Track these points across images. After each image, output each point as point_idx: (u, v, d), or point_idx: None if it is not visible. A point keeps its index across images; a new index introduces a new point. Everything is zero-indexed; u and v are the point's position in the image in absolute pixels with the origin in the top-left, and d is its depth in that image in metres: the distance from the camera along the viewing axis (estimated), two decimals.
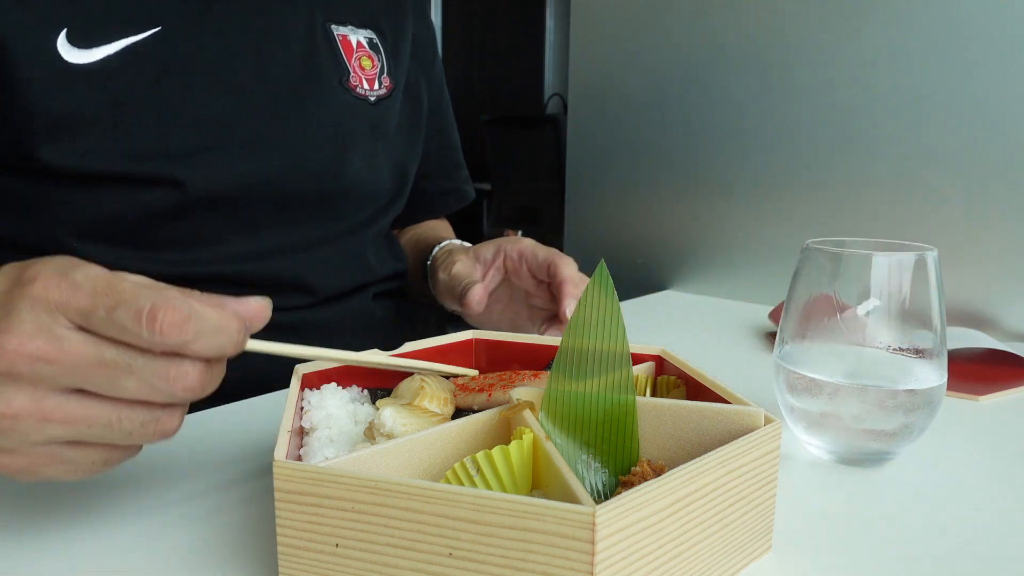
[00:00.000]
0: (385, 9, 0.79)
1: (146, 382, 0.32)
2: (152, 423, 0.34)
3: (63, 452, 0.34)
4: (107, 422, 0.33)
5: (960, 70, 0.84)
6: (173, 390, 0.33)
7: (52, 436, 0.33)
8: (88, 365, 0.32)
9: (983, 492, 0.47)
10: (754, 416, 0.38)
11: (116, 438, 0.34)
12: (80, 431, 0.33)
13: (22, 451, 0.33)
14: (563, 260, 0.62)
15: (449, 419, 0.41)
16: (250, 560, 0.38)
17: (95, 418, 0.33)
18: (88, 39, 0.58)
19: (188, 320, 0.31)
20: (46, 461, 0.34)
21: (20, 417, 0.32)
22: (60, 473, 0.35)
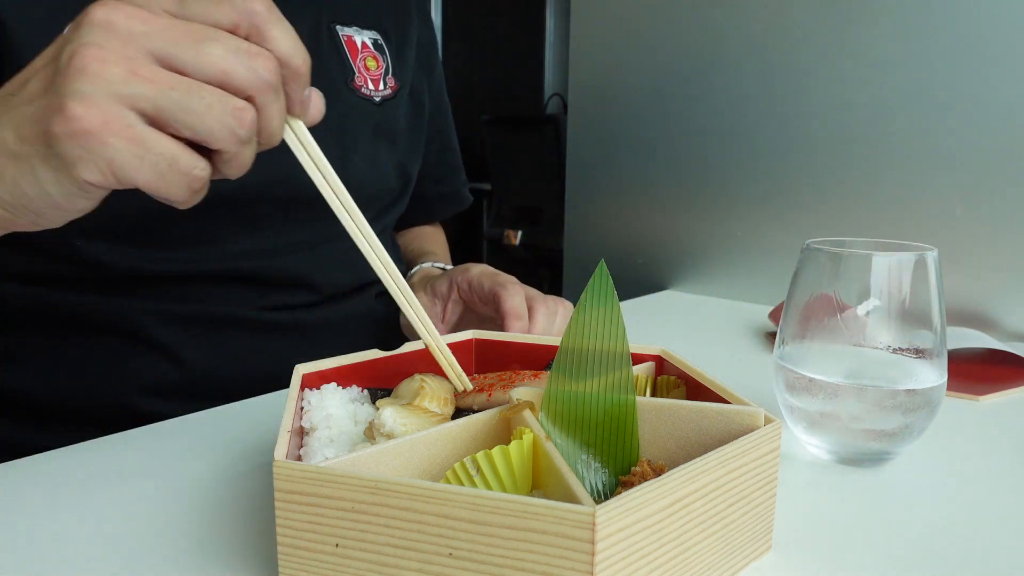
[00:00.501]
0: (389, 11, 0.80)
1: (231, 52, 0.33)
2: (228, 100, 0.34)
3: (137, 126, 0.33)
4: (188, 87, 0.33)
5: (960, 70, 0.84)
6: (253, 63, 0.33)
7: (135, 93, 0.33)
8: (179, 28, 0.33)
9: (983, 492, 0.47)
10: (754, 416, 0.38)
11: (193, 112, 0.33)
12: (163, 94, 0.33)
13: (101, 102, 0.32)
14: (506, 291, 0.60)
15: (449, 419, 0.41)
16: (250, 560, 0.38)
17: (178, 83, 0.33)
18: None
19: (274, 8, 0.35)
20: (119, 127, 0.33)
21: (109, 61, 0.32)
22: (126, 156, 0.33)
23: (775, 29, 0.97)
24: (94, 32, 0.33)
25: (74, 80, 0.32)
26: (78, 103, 0.32)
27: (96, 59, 0.32)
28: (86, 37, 0.33)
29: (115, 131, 0.33)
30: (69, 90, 0.32)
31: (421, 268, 0.83)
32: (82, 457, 0.50)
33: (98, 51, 0.32)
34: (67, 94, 0.32)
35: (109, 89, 0.32)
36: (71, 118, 0.32)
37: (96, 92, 0.32)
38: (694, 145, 1.07)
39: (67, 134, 0.33)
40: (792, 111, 0.97)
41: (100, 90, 0.32)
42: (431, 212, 0.95)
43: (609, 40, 1.14)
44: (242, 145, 0.35)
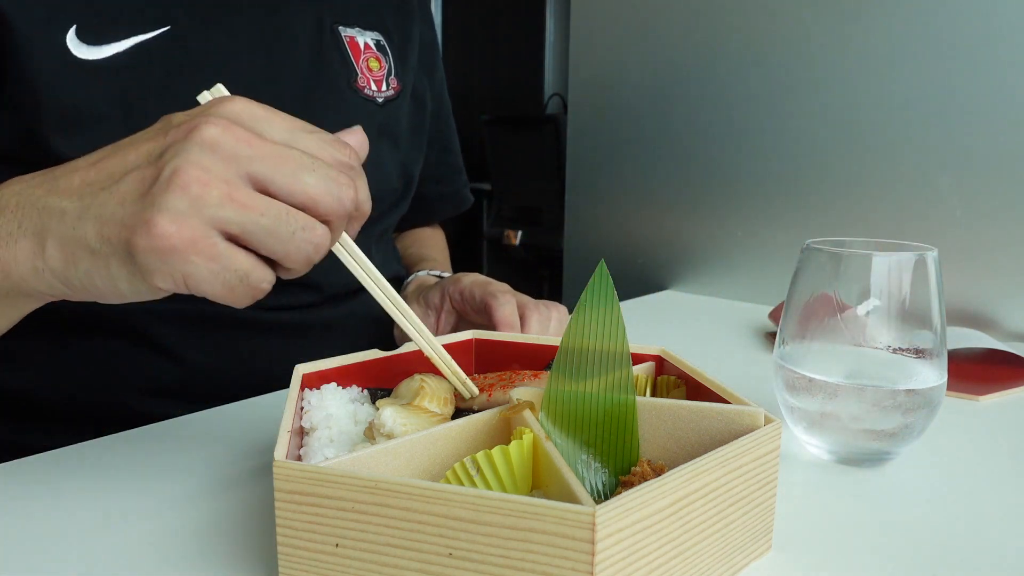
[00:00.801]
0: (392, 11, 0.80)
1: (323, 180, 0.36)
2: (311, 229, 0.36)
3: (219, 244, 0.34)
4: (278, 214, 0.35)
5: (960, 70, 0.84)
6: (341, 194, 0.36)
7: (226, 216, 0.34)
8: (282, 153, 0.35)
9: (983, 492, 0.47)
10: (754, 416, 0.38)
11: (278, 237, 0.35)
12: (252, 220, 0.34)
13: (193, 223, 0.34)
14: (497, 301, 0.60)
15: (449, 419, 0.41)
16: (250, 560, 0.38)
17: (269, 210, 0.35)
18: (98, 36, 0.58)
19: (357, 152, 0.40)
20: (203, 245, 0.34)
21: (211, 184, 0.34)
22: (202, 271, 0.35)
23: (775, 29, 0.97)
24: (203, 153, 0.34)
25: (172, 196, 0.34)
26: (170, 221, 0.34)
27: (198, 181, 0.34)
28: (193, 156, 0.34)
29: (198, 251, 0.34)
30: (164, 205, 0.34)
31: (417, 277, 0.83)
32: (82, 457, 0.50)
33: (202, 174, 0.34)
34: (162, 208, 0.34)
35: (203, 211, 0.34)
36: (158, 235, 0.34)
37: (190, 213, 0.34)
38: (694, 145, 1.07)
39: (151, 249, 0.34)
40: (792, 111, 0.97)
41: (195, 212, 0.34)
42: (431, 213, 0.95)
43: (609, 40, 1.14)
44: (309, 266, 0.38)
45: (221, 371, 0.66)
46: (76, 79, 0.57)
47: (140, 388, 0.64)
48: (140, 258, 0.34)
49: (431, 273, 0.83)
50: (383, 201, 0.78)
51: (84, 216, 0.36)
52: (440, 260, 0.91)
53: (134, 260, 0.35)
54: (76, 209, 0.36)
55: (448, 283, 0.68)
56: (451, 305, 0.67)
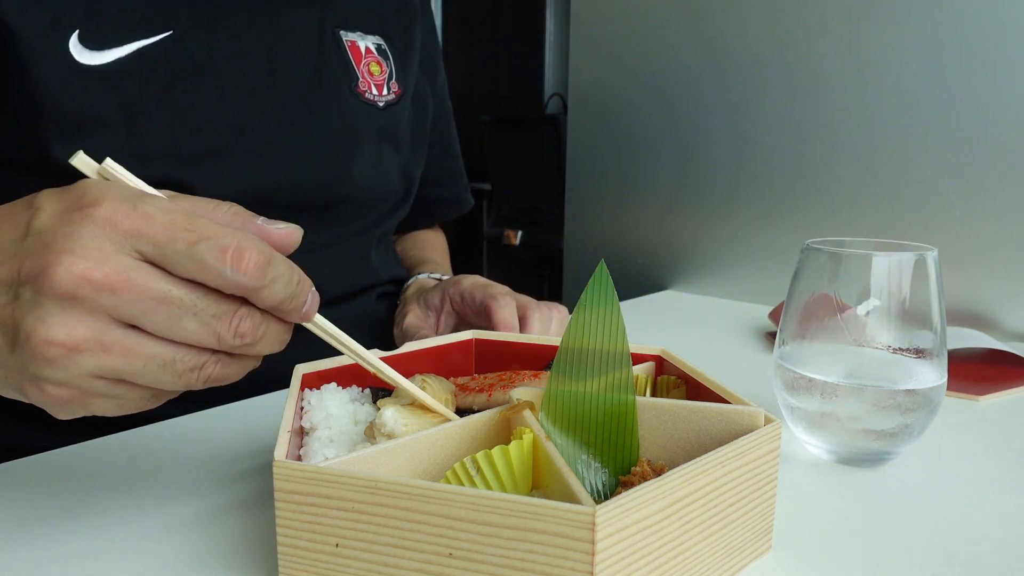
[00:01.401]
0: (394, 15, 0.80)
1: (206, 326, 0.32)
2: (208, 367, 0.33)
3: (113, 388, 0.32)
4: (163, 361, 0.32)
5: (960, 70, 0.84)
6: (230, 336, 0.32)
7: (107, 369, 0.31)
8: (153, 300, 0.31)
9: (983, 492, 0.47)
10: (754, 416, 0.38)
11: (167, 379, 0.32)
12: (136, 368, 0.32)
13: (74, 383, 0.32)
14: (497, 303, 0.60)
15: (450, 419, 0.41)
16: (250, 560, 0.38)
17: (153, 356, 0.32)
18: (100, 41, 0.58)
19: (269, 264, 0.31)
20: (94, 395, 0.32)
21: (80, 349, 0.31)
22: (106, 408, 0.33)
23: (775, 29, 0.97)
24: (61, 309, 0.30)
25: (43, 367, 0.31)
26: (54, 387, 0.32)
27: (63, 347, 0.30)
28: (47, 314, 0.30)
29: (94, 395, 0.32)
30: (43, 375, 0.31)
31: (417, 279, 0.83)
32: (82, 457, 0.50)
33: (65, 335, 0.30)
34: (41, 377, 0.31)
35: (82, 371, 0.31)
36: (50, 396, 0.32)
37: (71, 378, 0.31)
38: (694, 145, 1.07)
39: (48, 403, 0.32)
40: (792, 111, 0.97)
41: (74, 376, 0.31)
42: (432, 215, 0.95)
43: (609, 40, 1.14)
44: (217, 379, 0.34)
45: None
46: (79, 85, 0.57)
47: None
48: (47, 406, 0.33)
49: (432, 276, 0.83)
50: (383, 205, 0.78)
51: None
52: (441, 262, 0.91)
53: (40, 403, 0.33)
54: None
55: (448, 285, 0.68)
56: (451, 307, 0.67)
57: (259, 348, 0.34)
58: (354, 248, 0.75)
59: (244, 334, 0.32)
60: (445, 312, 0.68)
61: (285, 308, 0.33)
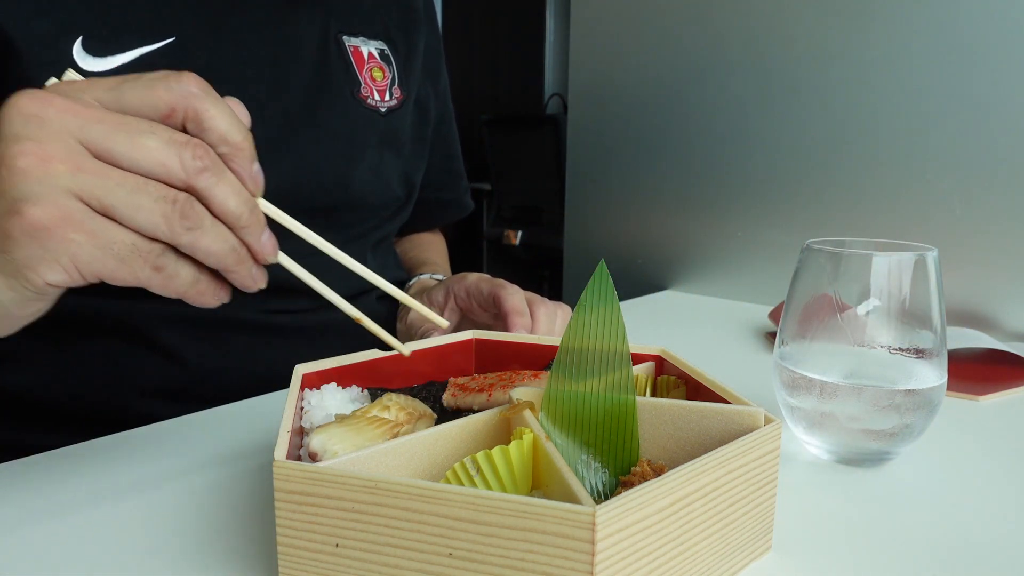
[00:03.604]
0: (397, 20, 0.80)
1: (168, 144, 0.32)
2: (178, 201, 0.33)
3: (94, 218, 0.32)
4: (134, 184, 0.32)
5: (960, 70, 0.84)
6: (190, 156, 0.33)
7: (84, 187, 0.31)
8: (112, 121, 0.32)
9: (983, 492, 0.47)
10: (754, 416, 0.38)
11: (146, 204, 0.32)
12: (109, 189, 0.32)
13: (55, 199, 0.31)
14: (506, 291, 0.61)
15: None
16: (250, 560, 0.38)
17: (121, 178, 0.32)
18: (104, 48, 0.58)
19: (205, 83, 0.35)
20: (76, 225, 0.32)
21: (53, 159, 0.31)
22: (88, 249, 0.32)
23: (775, 29, 0.97)
24: (27, 126, 0.31)
25: (20, 182, 0.31)
26: (32, 205, 0.31)
27: (38, 157, 0.31)
28: (19, 131, 0.31)
29: (74, 226, 0.32)
30: (19, 193, 0.31)
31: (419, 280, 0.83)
32: (83, 457, 0.50)
33: (37, 147, 0.31)
34: (18, 197, 0.31)
35: (59, 186, 0.31)
36: (29, 220, 0.31)
37: (47, 191, 0.31)
38: (694, 145, 1.07)
39: (26, 236, 0.31)
40: (792, 111, 0.97)
41: (50, 188, 0.31)
42: (432, 218, 0.95)
43: (609, 40, 1.14)
44: (194, 235, 0.34)
45: (221, 372, 0.66)
46: None
47: (140, 388, 0.64)
48: (17, 252, 0.32)
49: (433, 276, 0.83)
50: (385, 210, 0.78)
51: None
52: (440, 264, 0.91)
53: (11, 259, 0.32)
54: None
55: (452, 281, 0.68)
56: (455, 303, 0.67)
57: (207, 234, 0.34)
58: (355, 252, 0.75)
59: (201, 156, 0.33)
60: (448, 309, 0.68)
61: (234, 140, 0.35)
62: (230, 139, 0.35)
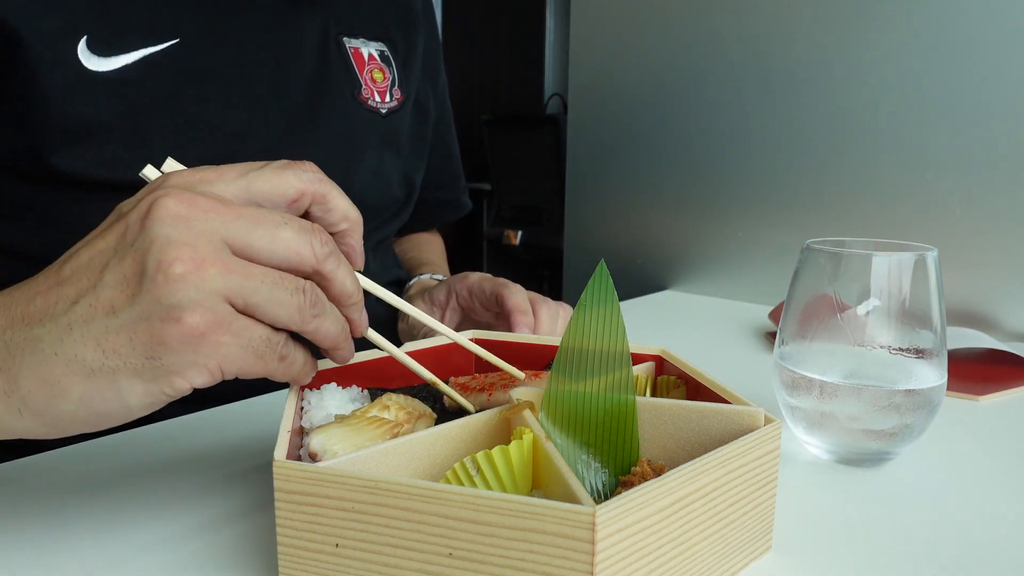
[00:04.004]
0: (396, 22, 0.80)
1: (300, 232, 0.34)
2: (307, 291, 0.34)
3: (238, 321, 0.32)
4: (273, 280, 0.33)
5: (960, 70, 0.84)
6: (319, 243, 0.34)
7: (233, 287, 0.32)
8: (249, 214, 0.33)
9: (983, 492, 0.47)
10: (754, 416, 0.38)
11: (283, 297, 0.33)
12: (253, 287, 0.32)
13: (207, 304, 0.31)
14: (509, 290, 0.61)
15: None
16: (250, 560, 0.38)
17: (263, 275, 0.33)
18: (108, 47, 0.58)
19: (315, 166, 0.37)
20: (224, 328, 0.32)
21: (207, 262, 0.31)
22: (233, 350, 0.33)
23: (774, 29, 0.97)
24: (177, 229, 0.31)
25: (178, 289, 0.31)
26: (190, 312, 0.31)
27: (193, 262, 0.31)
28: (170, 234, 0.31)
29: (223, 328, 0.32)
30: (176, 300, 0.31)
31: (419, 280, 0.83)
32: (83, 457, 0.50)
33: (191, 252, 0.31)
34: (175, 304, 0.31)
35: (212, 290, 0.31)
36: (188, 328, 0.31)
37: (203, 297, 0.31)
38: (694, 145, 1.07)
39: (182, 343, 0.31)
40: (792, 111, 0.97)
41: (205, 294, 0.31)
42: (430, 218, 0.95)
43: (609, 40, 1.14)
44: (319, 321, 0.35)
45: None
46: (86, 91, 0.57)
47: None
48: (169, 360, 0.32)
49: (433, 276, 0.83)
50: (385, 211, 0.78)
51: (67, 338, 0.32)
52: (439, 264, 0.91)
53: (159, 364, 0.32)
54: (53, 334, 0.32)
55: (454, 281, 0.68)
56: (457, 303, 0.68)
57: (328, 318, 0.36)
58: None
59: (327, 242, 0.35)
60: (450, 308, 0.68)
61: (354, 217, 0.38)
62: (350, 216, 0.38)
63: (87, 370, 0.32)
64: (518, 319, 0.59)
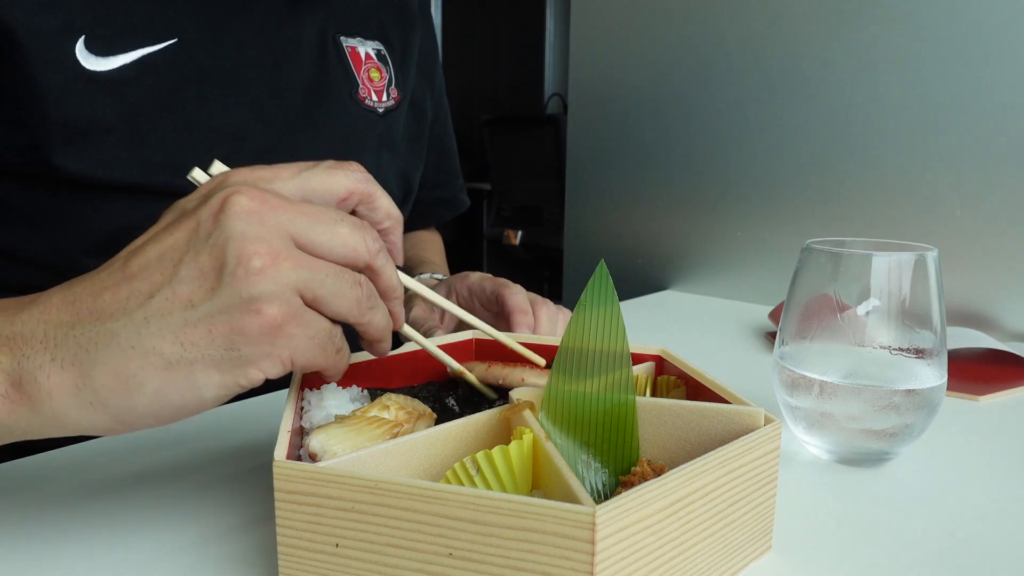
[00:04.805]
0: (393, 20, 0.80)
1: (355, 228, 0.35)
2: (361, 284, 0.36)
3: (306, 311, 0.34)
4: (336, 273, 0.34)
5: (960, 70, 0.84)
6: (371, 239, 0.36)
7: (304, 280, 0.33)
8: (311, 212, 0.34)
9: (983, 492, 0.47)
10: (754, 416, 0.38)
11: (345, 290, 0.35)
12: (319, 280, 0.34)
13: (283, 297, 0.32)
14: (510, 290, 0.62)
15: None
16: (250, 560, 0.38)
17: (328, 269, 0.34)
18: (106, 47, 0.58)
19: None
20: (296, 320, 0.33)
21: (281, 256, 0.32)
22: (303, 341, 0.34)
23: (775, 29, 0.97)
24: (251, 224, 0.33)
25: (258, 282, 0.32)
26: (269, 304, 0.32)
27: (270, 256, 0.32)
28: (245, 230, 0.32)
29: (296, 320, 0.33)
30: (257, 292, 0.32)
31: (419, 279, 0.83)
32: (83, 457, 0.50)
33: (267, 246, 0.32)
34: (256, 296, 0.32)
35: (288, 283, 0.33)
36: (267, 319, 0.32)
37: (280, 290, 0.32)
38: (694, 145, 1.07)
39: (262, 334, 0.32)
40: (792, 111, 0.97)
41: (282, 287, 0.32)
42: (428, 217, 0.95)
43: (609, 40, 1.14)
44: (372, 313, 0.37)
45: None
46: (84, 90, 0.57)
47: None
48: (248, 351, 0.33)
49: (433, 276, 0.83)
50: None
51: (144, 332, 0.32)
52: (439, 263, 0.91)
53: (237, 355, 0.33)
54: (129, 328, 0.33)
55: (455, 280, 0.68)
56: (457, 301, 0.68)
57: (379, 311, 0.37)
58: None
59: (377, 238, 0.36)
60: None
61: (396, 215, 0.40)
62: (392, 214, 0.39)
63: (165, 363, 0.32)
64: (519, 319, 0.59)
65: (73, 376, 0.33)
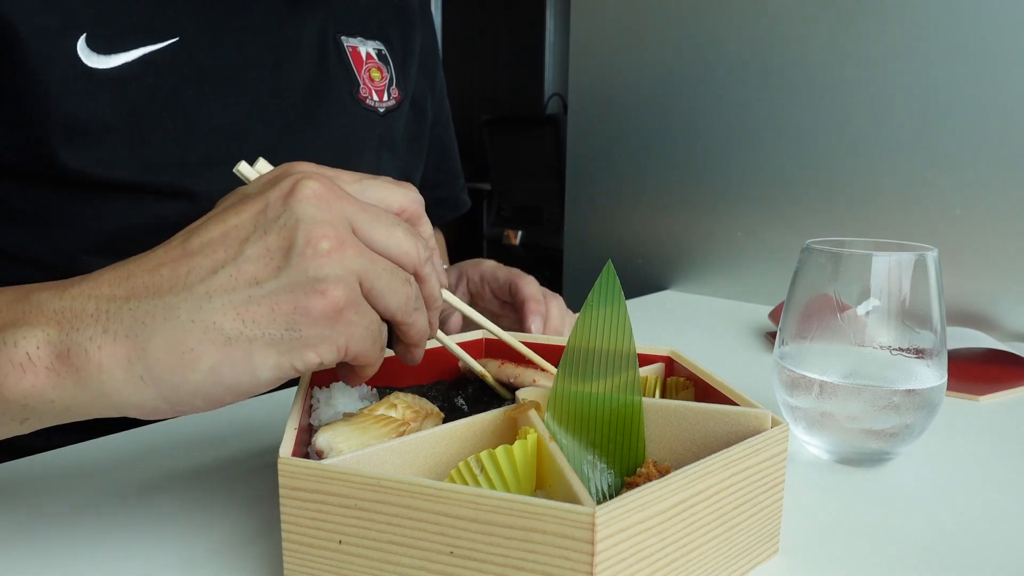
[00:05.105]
0: (393, 20, 0.80)
1: (409, 234, 0.36)
2: (413, 284, 0.37)
3: (362, 301, 0.34)
4: (392, 269, 0.35)
5: (960, 71, 0.84)
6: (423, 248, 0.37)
7: (365, 268, 0.34)
8: (371, 208, 0.35)
9: (983, 492, 0.48)
10: (761, 418, 0.38)
11: (397, 286, 0.35)
12: (376, 272, 0.34)
13: (347, 280, 0.33)
14: (523, 279, 0.63)
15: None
16: (255, 556, 0.38)
17: (385, 263, 0.35)
18: (107, 45, 0.58)
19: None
20: (355, 307, 0.34)
21: (346, 242, 0.33)
22: (358, 329, 0.34)
23: (775, 29, 0.97)
24: (320, 209, 0.33)
25: (326, 263, 0.33)
26: (334, 286, 0.33)
27: (337, 240, 0.33)
28: (314, 214, 0.33)
29: (354, 307, 0.34)
30: (323, 274, 0.33)
31: None
32: (83, 457, 0.50)
33: (334, 231, 0.33)
34: (322, 278, 0.33)
35: (351, 269, 0.33)
36: (331, 301, 0.33)
37: (344, 274, 0.33)
38: (694, 145, 1.07)
39: (324, 316, 0.33)
40: (792, 111, 0.97)
41: (346, 271, 0.33)
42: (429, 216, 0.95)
43: (609, 40, 1.14)
44: (417, 315, 0.38)
45: None
46: (85, 89, 0.57)
47: None
48: (308, 332, 0.33)
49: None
50: None
51: (206, 306, 0.32)
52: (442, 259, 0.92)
53: (297, 336, 0.33)
54: (190, 302, 0.32)
55: (467, 266, 0.68)
56: (467, 287, 0.68)
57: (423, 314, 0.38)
58: None
59: (427, 248, 0.38)
60: (459, 292, 0.69)
61: (433, 244, 0.40)
62: (431, 243, 0.40)
63: (224, 338, 0.32)
64: (532, 307, 0.60)
65: (126, 348, 0.32)
